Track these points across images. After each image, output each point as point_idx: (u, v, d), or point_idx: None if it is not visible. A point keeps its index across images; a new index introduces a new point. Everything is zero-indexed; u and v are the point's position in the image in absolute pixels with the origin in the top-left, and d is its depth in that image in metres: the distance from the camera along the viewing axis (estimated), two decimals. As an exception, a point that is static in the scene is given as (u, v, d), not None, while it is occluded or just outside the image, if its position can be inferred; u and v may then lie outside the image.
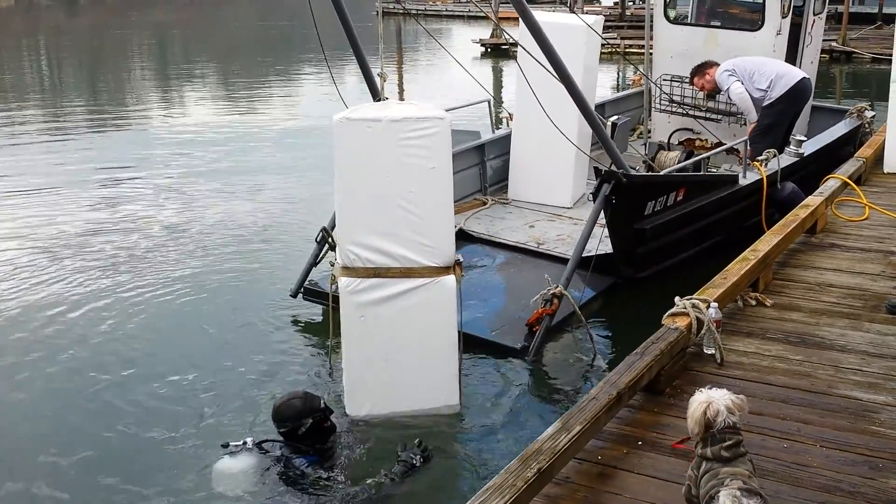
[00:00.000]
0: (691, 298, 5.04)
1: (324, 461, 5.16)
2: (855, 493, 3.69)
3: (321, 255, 7.60)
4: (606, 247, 7.49)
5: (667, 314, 4.95)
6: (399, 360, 5.53)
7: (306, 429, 5.16)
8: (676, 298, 5.03)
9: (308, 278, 7.65)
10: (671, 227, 7.71)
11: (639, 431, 4.25)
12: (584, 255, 7.14)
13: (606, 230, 7.35)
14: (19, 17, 54.25)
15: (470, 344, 6.29)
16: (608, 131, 8.26)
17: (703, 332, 4.91)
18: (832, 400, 4.53)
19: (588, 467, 3.94)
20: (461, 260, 5.67)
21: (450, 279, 5.51)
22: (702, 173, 8.61)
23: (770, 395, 4.58)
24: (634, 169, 8.03)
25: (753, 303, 5.84)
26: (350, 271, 5.48)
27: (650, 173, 8.84)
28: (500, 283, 7.82)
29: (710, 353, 4.98)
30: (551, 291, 6.69)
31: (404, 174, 5.35)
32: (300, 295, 7.69)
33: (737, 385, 4.68)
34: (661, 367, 4.53)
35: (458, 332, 5.65)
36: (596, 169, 7.19)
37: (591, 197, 7.14)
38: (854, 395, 4.57)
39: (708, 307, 4.98)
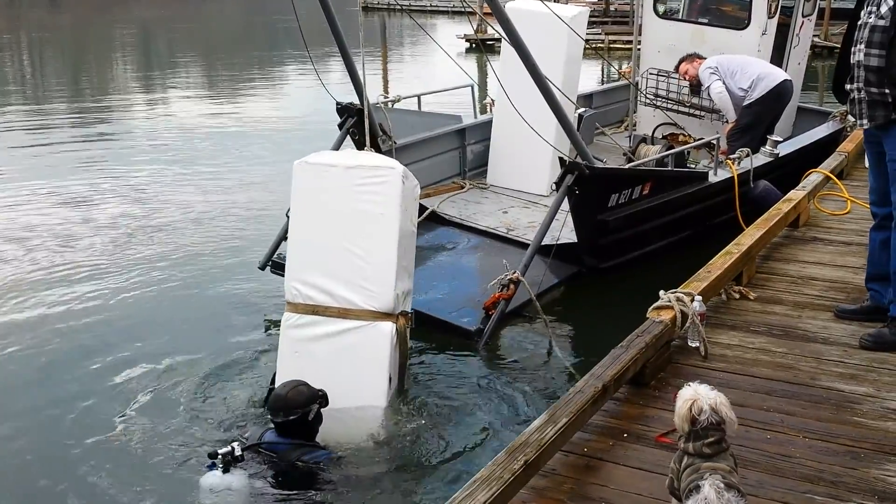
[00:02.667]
0: (675, 292, 5.08)
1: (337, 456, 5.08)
2: (837, 483, 3.74)
3: None
4: (570, 236, 7.60)
5: (651, 307, 4.98)
6: (329, 397, 5.37)
7: (313, 415, 5.06)
8: (661, 292, 5.07)
9: (277, 252, 7.83)
10: (636, 220, 7.80)
11: (624, 424, 4.28)
12: (551, 244, 7.23)
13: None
14: (1, 14, 53.87)
15: (428, 325, 6.62)
16: (574, 123, 8.34)
17: (687, 325, 4.94)
18: (815, 391, 4.58)
19: (574, 459, 3.96)
20: (410, 312, 5.77)
21: (386, 325, 5.56)
22: (669, 168, 8.71)
23: (754, 387, 4.62)
24: (602, 161, 8.10)
25: (737, 296, 5.89)
26: (291, 306, 5.71)
27: (613, 166, 8.92)
28: (465, 266, 7.96)
29: (694, 346, 5.02)
30: (508, 277, 6.78)
31: (353, 218, 5.61)
32: (268, 268, 7.89)
33: (721, 377, 4.72)
34: (646, 359, 4.56)
35: (390, 377, 5.61)
36: (560, 159, 7.27)
37: (554, 186, 7.23)
38: (836, 387, 4.62)
39: (692, 300, 5.01)
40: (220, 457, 4.70)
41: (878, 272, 5.41)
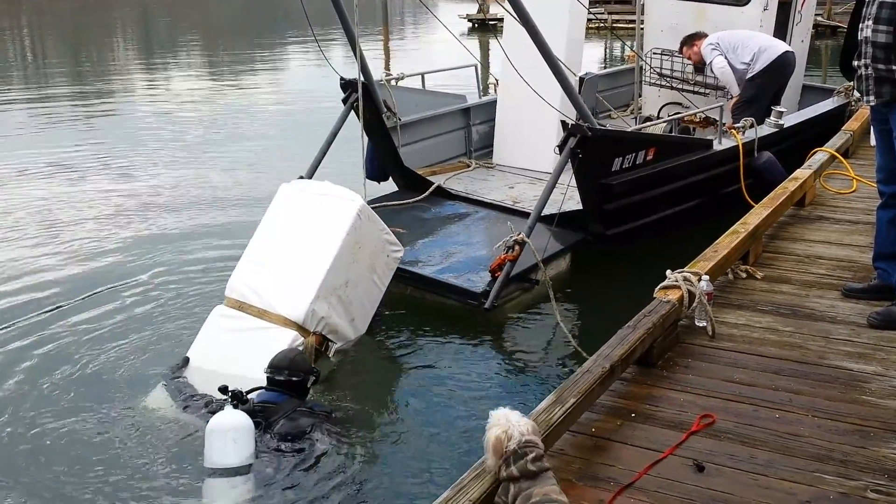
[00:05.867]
0: (682, 271, 5.06)
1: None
2: (846, 462, 3.72)
3: None
4: (572, 204, 7.64)
5: (658, 287, 4.96)
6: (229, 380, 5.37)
7: (311, 383, 5.27)
8: (668, 271, 5.05)
9: None
10: (640, 186, 7.76)
11: (632, 404, 4.26)
12: (555, 212, 7.25)
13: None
14: (0, -1, 53.89)
15: (435, 290, 6.96)
16: (576, 86, 8.32)
17: (694, 304, 4.92)
18: (823, 370, 4.56)
19: (582, 440, 3.95)
20: (329, 341, 6.05)
21: (289, 333, 5.87)
22: (673, 135, 8.65)
23: (762, 367, 4.60)
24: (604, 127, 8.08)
25: (744, 275, 5.86)
26: (227, 299, 6.19)
27: (616, 129, 8.90)
28: (471, 236, 8.00)
29: (701, 325, 5.00)
30: (513, 238, 6.78)
31: (302, 235, 6.17)
32: None
33: (728, 357, 4.72)
34: (653, 339, 4.54)
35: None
36: (563, 122, 7.24)
37: (557, 150, 7.22)
38: (844, 366, 4.60)
39: (699, 280, 4.99)
40: (231, 392, 4.84)
41: (885, 251, 5.39)
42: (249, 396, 5.02)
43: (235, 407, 4.82)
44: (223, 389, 4.88)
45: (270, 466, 4.77)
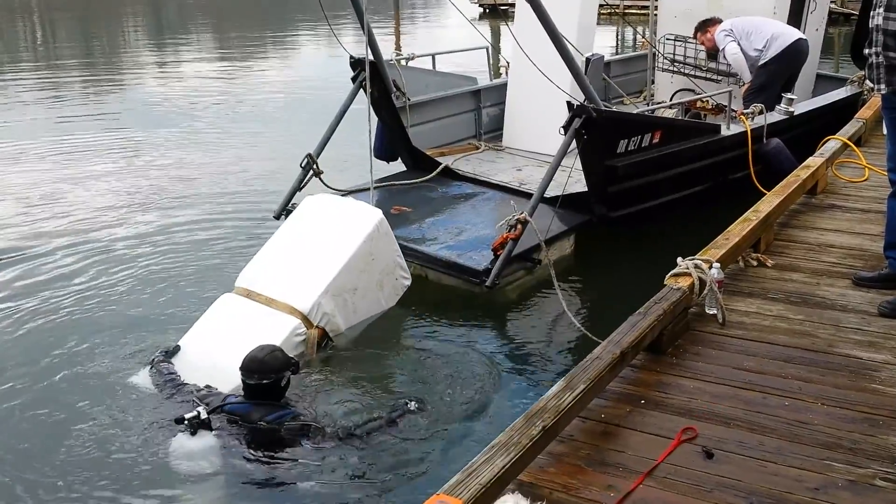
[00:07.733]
0: (693, 259, 5.06)
1: (298, 415, 5.01)
2: (855, 450, 3.73)
3: (306, 180, 8.05)
4: (578, 187, 7.64)
5: (669, 274, 4.97)
6: (224, 367, 5.44)
7: (286, 381, 5.09)
8: (679, 259, 5.05)
9: (292, 202, 7.98)
10: (645, 169, 7.74)
11: (641, 390, 4.28)
12: (559, 194, 7.24)
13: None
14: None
15: (438, 268, 7.08)
16: (582, 68, 8.32)
17: (705, 292, 4.92)
18: (833, 359, 4.56)
19: (592, 425, 3.97)
20: (326, 333, 6.10)
21: (292, 320, 5.93)
22: (680, 118, 8.63)
23: (771, 355, 4.61)
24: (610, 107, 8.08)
25: (755, 263, 5.86)
26: (236, 288, 6.31)
27: (621, 111, 8.88)
28: (476, 216, 8.03)
29: (712, 313, 5.00)
30: (516, 217, 6.80)
31: (321, 238, 6.40)
32: (283, 217, 7.96)
33: (739, 345, 4.73)
34: (663, 326, 4.55)
35: None
36: (568, 103, 7.24)
37: (562, 130, 7.21)
38: (854, 354, 4.60)
39: (710, 267, 4.99)
40: (186, 421, 4.74)
41: None
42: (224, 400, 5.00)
43: (193, 433, 4.75)
44: (179, 420, 4.78)
45: (235, 480, 4.71)
